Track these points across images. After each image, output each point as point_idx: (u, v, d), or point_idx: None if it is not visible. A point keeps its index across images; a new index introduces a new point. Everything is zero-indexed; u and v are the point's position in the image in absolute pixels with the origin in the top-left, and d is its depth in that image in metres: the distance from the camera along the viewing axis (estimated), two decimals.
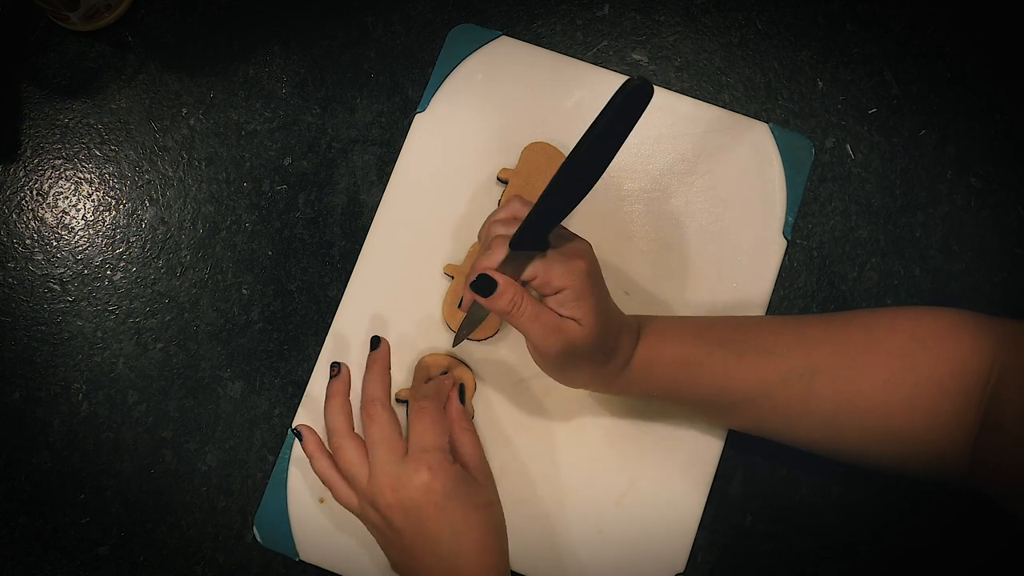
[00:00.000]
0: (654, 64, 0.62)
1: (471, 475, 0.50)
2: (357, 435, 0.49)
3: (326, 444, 0.51)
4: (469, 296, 0.46)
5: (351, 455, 0.48)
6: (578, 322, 0.45)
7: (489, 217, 0.49)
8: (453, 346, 0.55)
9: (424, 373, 0.56)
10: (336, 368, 0.52)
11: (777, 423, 0.49)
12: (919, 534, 0.56)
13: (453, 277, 0.57)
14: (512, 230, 0.45)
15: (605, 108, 0.38)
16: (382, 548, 0.50)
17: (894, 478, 0.56)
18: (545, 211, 0.43)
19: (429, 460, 0.47)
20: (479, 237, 0.49)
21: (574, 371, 0.48)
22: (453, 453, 0.50)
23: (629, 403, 0.55)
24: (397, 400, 0.56)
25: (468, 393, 0.56)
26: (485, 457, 0.52)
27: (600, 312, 0.45)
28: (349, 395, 0.51)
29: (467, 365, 0.56)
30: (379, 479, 0.47)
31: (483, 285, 0.44)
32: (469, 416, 0.54)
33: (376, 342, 0.53)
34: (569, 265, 0.45)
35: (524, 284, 0.45)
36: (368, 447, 0.48)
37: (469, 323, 0.52)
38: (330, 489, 0.50)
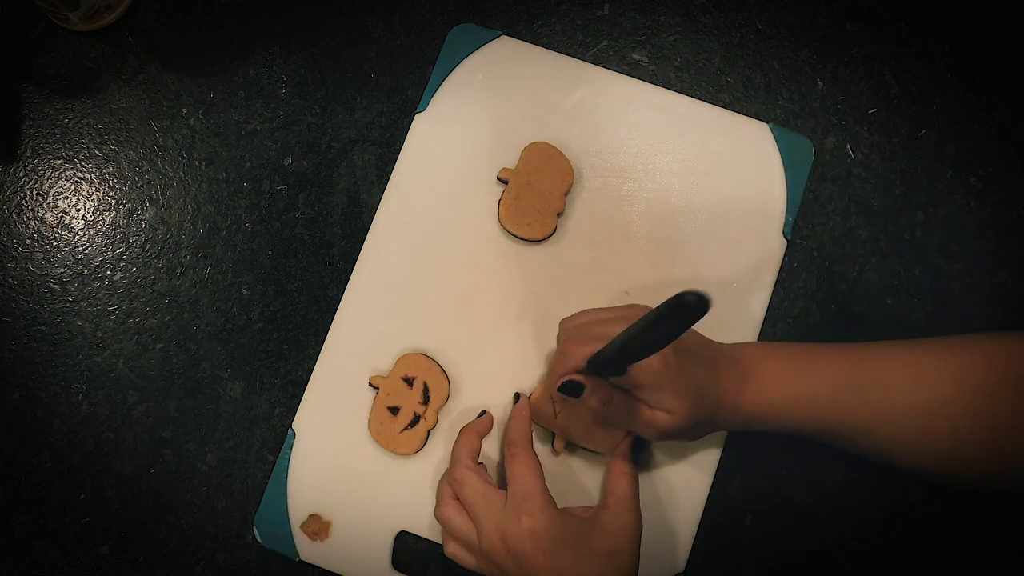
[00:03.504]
0: (654, 64, 0.62)
1: (600, 519, 0.48)
2: (456, 501, 0.50)
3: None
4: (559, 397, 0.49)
5: (456, 521, 0.49)
6: (667, 411, 0.46)
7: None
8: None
9: (402, 369, 0.56)
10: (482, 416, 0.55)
11: (895, 451, 0.49)
12: (919, 534, 0.56)
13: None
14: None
15: (658, 314, 0.37)
16: None
17: (894, 478, 0.56)
18: (630, 355, 0.44)
19: (529, 506, 0.46)
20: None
21: (683, 439, 0.49)
22: (605, 489, 0.51)
23: None
24: (370, 384, 0.56)
25: (439, 400, 0.56)
26: (632, 504, 0.49)
27: (688, 395, 0.46)
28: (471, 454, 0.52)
29: (443, 370, 0.56)
30: (487, 534, 0.47)
31: (571, 388, 0.46)
32: (634, 465, 0.52)
33: (482, 413, 0.55)
34: (645, 364, 0.45)
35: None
36: (469, 509, 0.48)
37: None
38: (443, 518, 0.50)
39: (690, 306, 0.35)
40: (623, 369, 0.45)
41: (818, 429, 0.49)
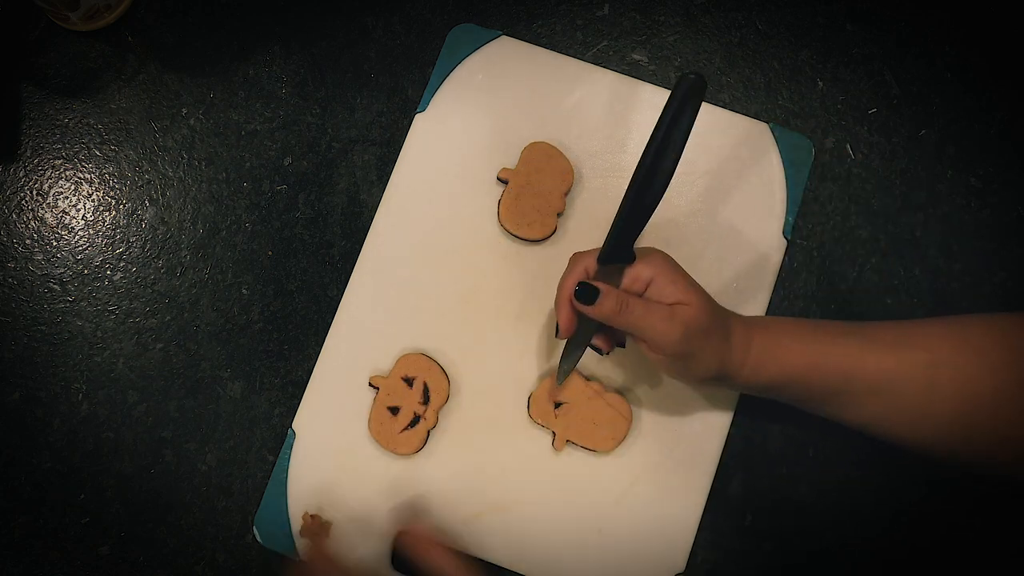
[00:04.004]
0: (654, 64, 0.62)
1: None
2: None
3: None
4: (567, 317, 0.47)
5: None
6: (685, 303, 0.46)
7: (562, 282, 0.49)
8: (558, 384, 0.54)
9: (402, 369, 0.56)
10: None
11: (900, 418, 0.48)
12: (919, 533, 0.56)
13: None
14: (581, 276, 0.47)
15: (664, 111, 0.39)
16: None
17: (894, 477, 0.56)
18: (628, 222, 0.44)
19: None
20: (556, 304, 0.50)
21: (700, 356, 0.47)
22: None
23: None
24: (370, 384, 0.56)
25: (438, 400, 0.55)
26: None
27: (699, 290, 0.47)
28: None
29: (443, 370, 0.56)
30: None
31: (586, 294, 0.45)
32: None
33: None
34: (648, 259, 0.47)
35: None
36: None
37: (570, 354, 0.52)
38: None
39: (690, 83, 0.39)
40: (631, 253, 0.46)
41: (826, 386, 0.48)
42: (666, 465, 0.55)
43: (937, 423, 0.47)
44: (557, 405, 0.55)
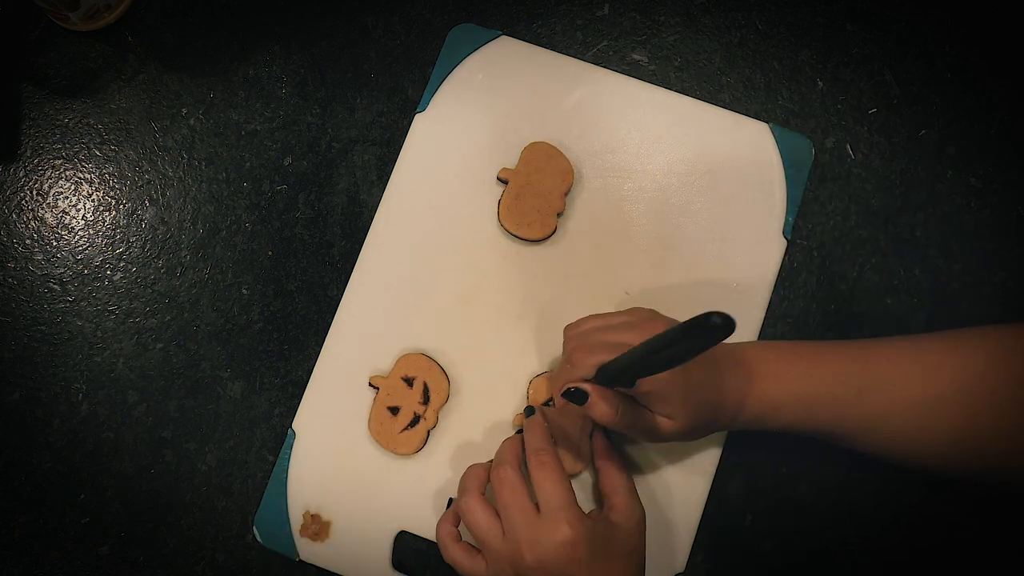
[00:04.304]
0: (654, 64, 0.62)
1: (614, 521, 0.48)
2: (483, 496, 0.49)
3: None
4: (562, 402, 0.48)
5: (481, 516, 0.48)
6: (671, 418, 0.46)
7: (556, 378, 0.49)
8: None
9: (402, 369, 0.56)
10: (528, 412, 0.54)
11: (895, 449, 0.49)
12: (919, 533, 0.56)
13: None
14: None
15: (682, 332, 0.37)
16: None
17: (894, 477, 0.56)
18: (637, 371, 0.44)
19: (567, 517, 0.45)
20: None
21: (682, 441, 0.49)
22: (601, 491, 0.50)
23: None
24: (370, 384, 0.56)
25: (438, 400, 0.55)
26: (635, 497, 0.49)
27: (692, 401, 0.46)
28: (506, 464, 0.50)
29: (443, 370, 0.56)
30: (516, 540, 0.46)
31: (575, 396, 0.46)
32: (619, 454, 0.52)
33: (530, 411, 0.54)
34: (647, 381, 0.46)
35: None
36: (500, 509, 0.47)
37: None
38: (450, 555, 0.49)
39: (715, 327, 0.34)
40: (632, 382, 0.45)
41: (819, 427, 0.49)
42: (666, 465, 0.55)
43: (935, 449, 0.47)
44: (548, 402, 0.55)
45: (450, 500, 0.55)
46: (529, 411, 0.54)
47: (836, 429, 0.49)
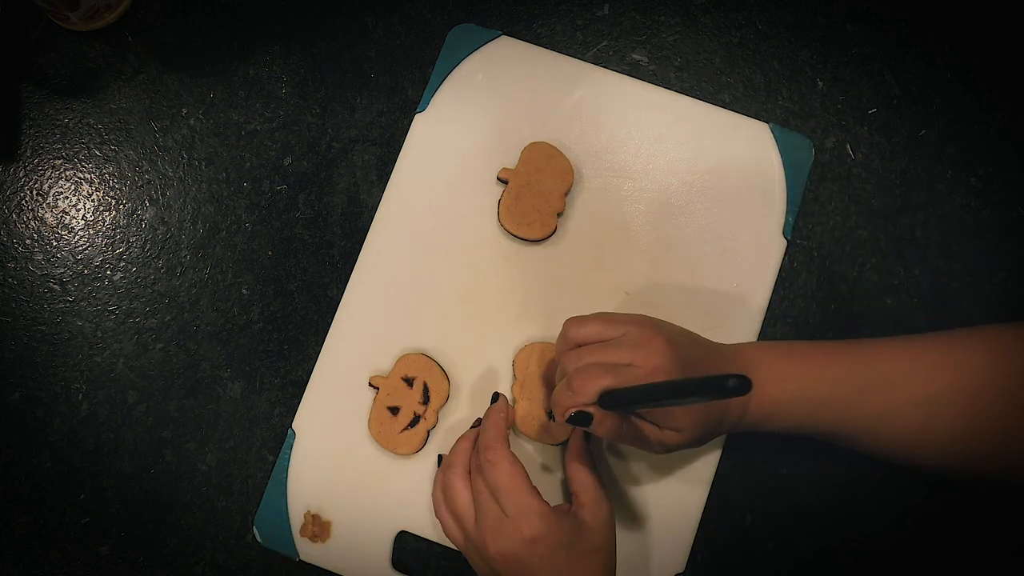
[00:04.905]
0: (654, 64, 0.62)
1: (581, 518, 0.48)
2: (467, 476, 0.50)
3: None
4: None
5: (459, 497, 0.49)
6: (676, 431, 0.46)
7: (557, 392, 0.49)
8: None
9: (402, 369, 0.56)
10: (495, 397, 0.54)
11: (896, 449, 0.49)
12: (920, 532, 0.56)
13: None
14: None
15: (695, 387, 0.38)
16: None
17: (894, 477, 0.56)
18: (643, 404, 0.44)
19: (528, 515, 0.46)
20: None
21: (698, 441, 0.49)
22: (570, 490, 0.50)
23: None
24: (370, 384, 0.56)
25: (438, 400, 0.55)
26: (602, 495, 0.50)
27: (696, 412, 0.46)
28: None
29: (443, 370, 0.56)
30: (483, 528, 0.47)
31: (580, 419, 0.46)
32: (590, 455, 0.52)
33: (495, 397, 0.54)
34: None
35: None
36: (475, 494, 0.48)
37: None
38: (440, 519, 0.51)
39: (729, 389, 0.35)
40: (634, 411, 0.46)
41: (820, 428, 0.49)
42: (666, 465, 0.55)
43: (936, 448, 0.48)
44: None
45: (439, 457, 0.55)
46: (495, 397, 0.54)
47: (838, 429, 0.49)
